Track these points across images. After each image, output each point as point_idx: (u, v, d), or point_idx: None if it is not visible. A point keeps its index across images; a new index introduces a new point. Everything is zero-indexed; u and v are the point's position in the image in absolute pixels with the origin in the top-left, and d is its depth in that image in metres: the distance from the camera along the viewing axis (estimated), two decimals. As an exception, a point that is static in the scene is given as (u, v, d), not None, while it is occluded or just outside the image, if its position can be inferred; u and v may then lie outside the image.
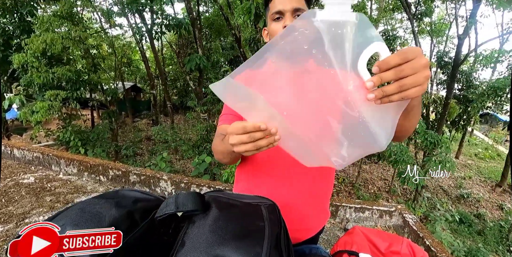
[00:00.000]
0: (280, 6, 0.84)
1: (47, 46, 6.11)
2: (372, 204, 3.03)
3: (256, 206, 0.63)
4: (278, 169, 0.89)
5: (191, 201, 0.58)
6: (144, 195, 0.68)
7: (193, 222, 0.56)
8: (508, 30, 11.06)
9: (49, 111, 6.38)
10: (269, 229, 0.53)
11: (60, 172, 3.64)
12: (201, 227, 0.53)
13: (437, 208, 7.69)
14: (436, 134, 5.84)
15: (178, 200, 0.57)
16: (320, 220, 0.96)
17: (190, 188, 2.91)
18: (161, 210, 0.57)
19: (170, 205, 0.57)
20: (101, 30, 10.19)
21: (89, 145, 7.14)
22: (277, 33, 0.84)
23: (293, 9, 0.83)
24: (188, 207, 0.56)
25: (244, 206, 0.64)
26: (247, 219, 0.56)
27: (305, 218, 0.91)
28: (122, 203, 0.61)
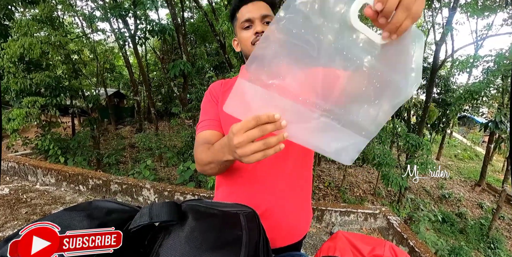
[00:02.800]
0: (248, 14, 0.86)
1: (25, 51, 5.89)
2: (357, 207, 3.06)
3: (235, 214, 0.62)
4: (258, 173, 0.88)
5: (165, 211, 0.55)
6: (119, 205, 0.65)
7: (169, 233, 0.54)
8: (482, 37, 11.64)
9: (27, 119, 6.14)
10: (247, 238, 0.52)
11: (37, 182, 3.48)
12: (177, 238, 0.51)
13: (420, 209, 7.87)
14: (417, 137, 6.02)
15: (152, 211, 0.54)
16: (303, 224, 0.96)
17: (174, 196, 2.85)
18: (135, 221, 0.55)
19: (144, 216, 0.54)
20: (83, 35, 9.97)
21: (70, 153, 6.89)
22: (247, 41, 0.87)
23: (261, 16, 0.85)
24: (163, 218, 0.54)
25: (222, 214, 0.62)
26: (225, 229, 0.54)
27: (287, 223, 0.90)
28: (94, 214, 0.58)
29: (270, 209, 0.88)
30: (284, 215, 0.90)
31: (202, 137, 0.85)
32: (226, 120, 0.89)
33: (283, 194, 0.89)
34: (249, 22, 0.86)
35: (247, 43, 0.88)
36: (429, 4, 6.61)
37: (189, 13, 11.38)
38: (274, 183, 0.88)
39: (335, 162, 9.78)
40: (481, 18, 11.69)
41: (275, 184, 0.88)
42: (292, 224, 0.92)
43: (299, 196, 0.94)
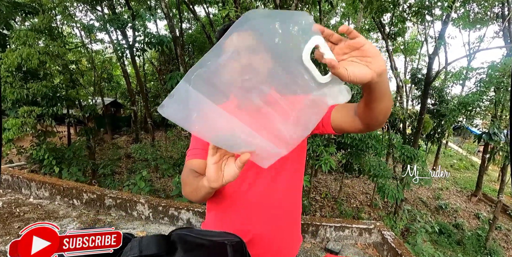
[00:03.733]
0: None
1: (23, 61, 5.91)
2: (351, 222, 3.05)
3: (222, 244, 0.64)
4: (249, 199, 0.89)
5: (155, 244, 0.57)
6: None
7: None
8: (474, 49, 11.90)
9: (22, 129, 6.11)
10: None
11: (30, 196, 3.45)
12: None
13: (417, 220, 7.84)
14: (413, 149, 6.06)
15: (142, 244, 0.56)
16: (292, 249, 0.98)
17: (168, 211, 2.83)
18: (125, 253, 0.56)
19: (133, 248, 0.56)
20: (82, 45, 10.03)
21: (64, 164, 6.82)
22: None
23: None
24: (152, 251, 0.56)
25: (210, 245, 0.64)
26: None
27: (277, 250, 0.92)
28: None
29: (260, 235, 0.89)
30: (274, 241, 0.91)
31: (189, 165, 0.86)
32: None
33: (274, 220, 0.91)
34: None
35: None
36: (422, 18, 6.77)
37: (187, 24, 11.55)
38: (265, 209, 0.90)
39: (331, 173, 9.78)
40: (473, 30, 12.00)
41: (266, 210, 0.90)
42: (282, 249, 0.94)
43: (289, 221, 0.96)
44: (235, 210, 0.91)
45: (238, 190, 0.90)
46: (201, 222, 2.78)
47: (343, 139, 5.10)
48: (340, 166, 7.84)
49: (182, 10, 9.74)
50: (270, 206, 0.90)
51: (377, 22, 8.15)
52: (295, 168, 0.94)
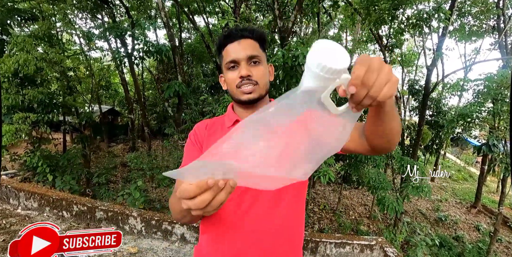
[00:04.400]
0: (233, 55, 0.82)
1: (20, 66, 5.87)
2: (352, 238, 2.95)
3: None
4: (245, 224, 0.82)
5: None
6: None
7: None
8: (471, 61, 12.04)
9: (16, 135, 6.01)
10: None
11: (18, 206, 3.33)
12: None
13: (417, 233, 7.71)
14: (412, 160, 6.00)
15: None
16: None
17: (162, 225, 2.72)
18: None
19: None
20: (81, 52, 10.03)
21: (58, 171, 6.67)
22: (233, 83, 0.83)
23: (247, 57, 0.81)
24: None
25: None
26: None
27: None
28: None
29: None
30: None
31: (180, 183, 0.79)
32: None
33: (272, 249, 0.83)
34: (234, 62, 0.83)
35: (232, 86, 0.84)
36: (420, 31, 6.85)
37: (186, 33, 11.64)
38: (263, 237, 0.82)
39: (329, 184, 9.67)
40: (469, 43, 12.19)
41: (264, 237, 0.82)
42: None
43: (289, 250, 0.87)
44: (230, 236, 0.83)
45: (234, 214, 0.82)
46: (196, 238, 2.67)
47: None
48: (339, 177, 7.75)
49: (181, 20, 9.83)
50: (269, 233, 0.82)
51: (375, 34, 8.23)
52: (297, 190, 0.87)
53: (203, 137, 0.91)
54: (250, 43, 0.83)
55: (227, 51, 0.84)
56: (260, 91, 0.84)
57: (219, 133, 0.90)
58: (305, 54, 3.80)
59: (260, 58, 0.84)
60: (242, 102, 0.86)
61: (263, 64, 0.85)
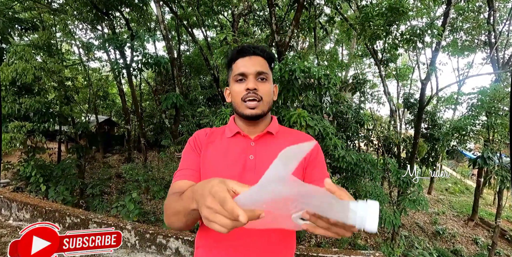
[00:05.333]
0: (243, 68, 0.85)
1: (18, 75, 5.89)
2: (349, 253, 2.91)
3: None
4: (236, 237, 0.83)
5: None
6: None
7: None
8: (464, 75, 12.29)
9: (10, 144, 5.95)
10: None
11: (10, 217, 3.25)
12: None
13: (415, 246, 7.62)
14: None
15: None
16: None
17: (156, 239, 2.67)
18: None
19: None
20: (79, 62, 10.10)
21: (52, 182, 6.57)
22: (238, 96, 0.86)
23: (256, 73, 0.85)
24: None
25: None
26: None
27: None
28: None
29: None
30: None
31: (176, 186, 0.80)
32: (206, 172, 0.86)
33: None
34: (243, 76, 0.86)
35: (237, 98, 0.87)
36: (414, 46, 7.03)
37: (185, 46, 11.80)
38: (256, 252, 0.83)
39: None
40: (462, 57, 12.50)
41: (257, 248, 0.83)
42: None
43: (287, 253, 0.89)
44: (222, 250, 0.84)
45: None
46: (191, 252, 2.62)
47: (338, 163, 5.04)
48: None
49: (180, 33, 10.00)
50: (262, 249, 0.83)
51: (370, 49, 8.42)
52: None
53: (203, 144, 0.92)
54: (260, 61, 0.87)
55: (237, 64, 0.88)
56: (263, 108, 0.86)
57: (218, 142, 0.92)
58: (301, 68, 3.86)
59: (268, 76, 0.88)
60: (245, 117, 0.88)
61: (270, 82, 0.89)
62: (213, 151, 0.90)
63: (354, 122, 7.13)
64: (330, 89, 4.13)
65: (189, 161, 0.89)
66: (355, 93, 8.74)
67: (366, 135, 9.03)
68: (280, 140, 0.91)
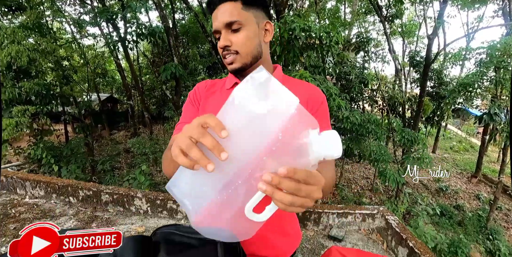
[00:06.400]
0: (214, 24, 0.77)
1: (12, 59, 5.77)
2: (354, 208, 3.02)
3: (212, 244, 0.56)
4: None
5: (131, 249, 0.50)
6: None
7: None
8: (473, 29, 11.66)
9: (17, 128, 6.03)
10: None
11: (25, 196, 3.40)
12: None
13: (418, 203, 7.89)
14: (413, 132, 6.01)
15: (117, 250, 0.48)
16: (284, 246, 0.89)
17: (167, 204, 2.79)
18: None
19: (106, 255, 0.49)
20: (73, 41, 9.81)
21: (63, 162, 6.77)
22: (221, 53, 0.80)
23: (224, 25, 0.75)
24: (129, 256, 0.50)
25: (198, 245, 0.57)
26: None
27: (266, 244, 0.84)
28: None
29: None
30: (263, 243, 0.84)
31: (173, 138, 0.79)
32: None
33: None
34: (217, 33, 0.78)
35: (221, 55, 0.81)
36: (420, -2, 6.60)
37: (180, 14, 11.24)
38: None
39: (331, 159, 9.77)
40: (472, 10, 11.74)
41: None
42: (272, 249, 0.85)
43: (281, 221, 0.88)
44: None
45: None
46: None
47: (343, 124, 5.03)
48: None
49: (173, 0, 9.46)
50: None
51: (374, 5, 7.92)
52: None
53: (202, 97, 0.89)
54: (228, 8, 0.75)
55: (212, 20, 0.79)
56: (242, 60, 0.78)
57: (218, 94, 0.89)
58: (301, 26, 3.67)
59: (241, 22, 0.75)
60: (230, 72, 0.83)
61: (246, 28, 0.76)
62: (212, 103, 0.87)
63: (358, 82, 6.96)
64: (332, 48, 3.97)
65: (188, 114, 0.88)
66: (359, 53, 8.40)
67: (370, 95, 8.86)
68: None
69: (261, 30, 0.80)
